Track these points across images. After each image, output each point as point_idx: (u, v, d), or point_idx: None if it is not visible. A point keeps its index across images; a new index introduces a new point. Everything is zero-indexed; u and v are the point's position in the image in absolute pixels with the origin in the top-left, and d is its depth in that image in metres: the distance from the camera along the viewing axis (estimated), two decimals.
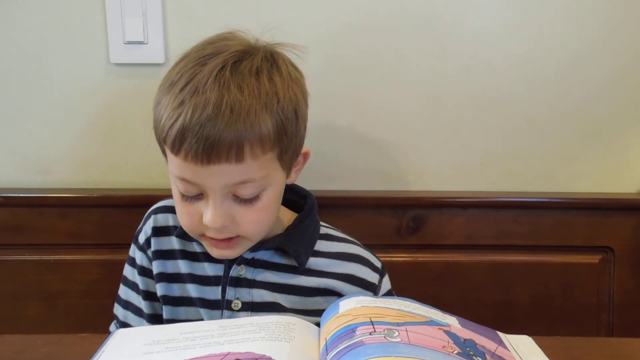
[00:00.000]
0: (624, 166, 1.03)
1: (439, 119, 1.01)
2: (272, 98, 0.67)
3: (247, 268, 0.76)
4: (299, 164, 0.78)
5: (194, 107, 0.63)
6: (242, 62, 0.67)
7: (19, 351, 0.64)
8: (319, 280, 0.76)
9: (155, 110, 0.70)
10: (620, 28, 0.98)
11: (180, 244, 0.79)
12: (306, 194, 0.83)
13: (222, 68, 0.66)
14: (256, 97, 0.65)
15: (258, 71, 0.67)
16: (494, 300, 1.01)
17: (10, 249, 0.99)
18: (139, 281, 0.81)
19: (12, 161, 1.02)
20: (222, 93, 0.64)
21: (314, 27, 0.97)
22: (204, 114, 0.63)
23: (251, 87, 0.66)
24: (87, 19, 0.97)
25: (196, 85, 0.65)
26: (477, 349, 0.56)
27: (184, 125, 0.64)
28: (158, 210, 0.81)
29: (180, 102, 0.65)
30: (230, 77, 0.65)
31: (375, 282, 0.78)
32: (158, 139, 0.70)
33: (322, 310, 0.75)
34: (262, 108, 0.65)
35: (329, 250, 0.79)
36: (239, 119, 0.64)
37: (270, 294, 0.76)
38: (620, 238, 1.00)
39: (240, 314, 0.75)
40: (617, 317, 1.01)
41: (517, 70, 0.99)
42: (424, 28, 0.98)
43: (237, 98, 0.64)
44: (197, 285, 0.77)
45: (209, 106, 0.63)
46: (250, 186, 0.67)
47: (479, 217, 1.00)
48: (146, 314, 0.80)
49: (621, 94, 1.00)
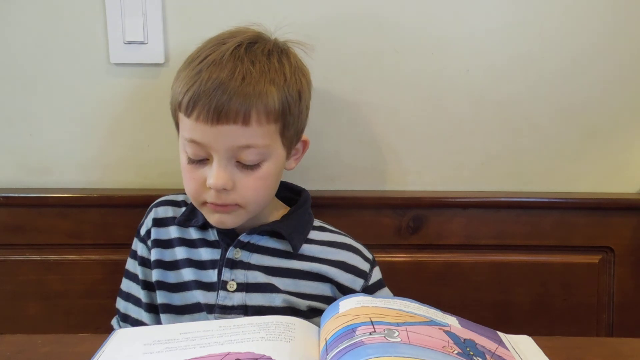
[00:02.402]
0: (624, 166, 1.03)
1: (439, 119, 1.01)
2: (280, 76, 0.74)
3: (243, 251, 0.79)
4: (299, 152, 0.83)
5: (209, 75, 0.71)
6: (256, 44, 0.76)
7: (19, 351, 0.64)
8: (312, 265, 0.80)
9: (174, 85, 0.77)
10: (620, 29, 0.98)
11: (179, 232, 0.83)
12: (301, 190, 0.88)
13: (238, 46, 0.74)
14: (266, 72, 0.73)
15: (270, 53, 0.76)
16: (494, 300, 1.01)
17: (10, 249, 0.99)
18: (139, 271, 0.84)
19: (12, 161, 1.02)
20: (235, 65, 0.72)
21: (314, 27, 0.97)
22: (217, 80, 0.71)
23: (262, 64, 0.74)
24: (87, 19, 0.97)
25: (214, 59, 0.73)
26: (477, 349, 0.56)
27: (199, 88, 0.71)
28: (159, 204, 0.86)
29: (197, 71, 0.73)
30: (244, 54, 0.74)
31: (366, 270, 0.82)
32: (173, 108, 0.77)
33: (314, 294, 0.80)
34: (270, 82, 0.73)
35: (322, 239, 0.83)
36: (249, 86, 0.71)
37: (264, 276, 0.79)
38: (620, 238, 1.00)
39: (235, 294, 0.78)
40: (617, 317, 1.01)
41: (517, 71, 0.99)
42: (424, 28, 0.98)
43: (249, 69, 0.72)
44: (194, 269, 0.80)
45: (223, 74, 0.71)
46: (253, 152, 0.73)
47: (479, 217, 1.00)
48: (144, 304, 0.82)
49: (621, 94, 1.00)
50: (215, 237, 0.81)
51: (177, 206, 0.85)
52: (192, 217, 0.82)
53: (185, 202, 0.85)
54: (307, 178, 1.01)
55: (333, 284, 0.80)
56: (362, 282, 0.81)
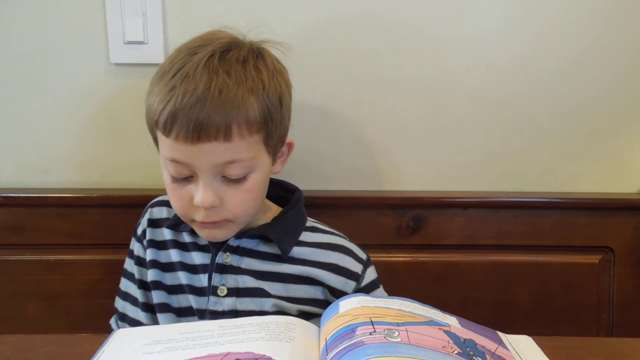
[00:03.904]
0: (624, 166, 1.03)
1: (439, 119, 1.01)
2: (258, 84, 0.71)
3: (233, 256, 0.78)
4: (284, 155, 0.81)
5: (185, 91, 0.68)
6: (229, 52, 0.72)
7: (19, 351, 0.64)
8: (302, 269, 0.78)
9: (147, 100, 0.73)
10: (621, 29, 0.98)
11: (172, 235, 0.82)
12: (294, 189, 0.86)
13: (211, 56, 0.70)
14: (243, 82, 0.70)
15: (245, 60, 0.72)
16: (494, 300, 1.01)
17: (10, 249, 0.99)
18: (135, 271, 0.83)
19: (12, 161, 1.02)
20: (210, 78, 0.68)
21: (315, 27, 0.97)
22: (194, 96, 0.67)
23: (238, 73, 0.70)
24: (87, 19, 0.97)
25: (186, 72, 0.69)
26: (477, 349, 0.56)
27: (175, 106, 0.67)
28: (155, 204, 0.86)
29: (171, 87, 0.69)
30: (218, 64, 0.70)
31: (359, 271, 0.79)
32: (150, 125, 0.74)
33: (305, 298, 0.78)
34: (249, 92, 0.70)
35: (314, 240, 0.81)
36: (227, 100, 0.68)
37: (254, 280, 0.78)
38: (620, 238, 1.00)
39: (226, 299, 0.77)
40: (617, 317, 1.01)
41: (517, 71, 0.99)
42: (424, 28, 0.98)
43: (225, 82, 0.68)
44: (186, 272, 0.80)
45: (198, 89, 0.67)
46: (238, 166, 0.70)
47: (479, 217, 1.00)
48: (140, 303, 0.82)
49: (621, 94, 1.00)
50: (206, 242, 0.80)
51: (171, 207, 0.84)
52: (182, 222, 0.80)
53: None
54: (306, 178, 1.01)
55: (324, 287, 0.78)
56: (354, 284, 0.78)
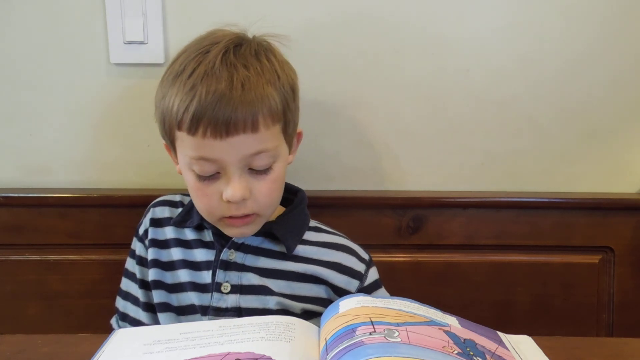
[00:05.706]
0: (624, 166, 1.03)
1: (439, 119, 1.01)
2: (274, 75, 0.73)
3: (237, 253, 0.79)
4: (295, 145, 0.82)
5: (207, 88, 0.69)
6: (242, 47, 0.74)
7: (19, 351, 0.64)
8: (306, 267, 0.79)
9: (162, 104, 0.74)
10: (621, 29, 0.98)
11: (175, 233, 0.83)
12: (297, 190, 0.87)
13: (226, 52, 0.72)
14: (261, 74, 0.72)
15: (257, 53, 0.74)
16: (494, 300, 1.01)
17: (10, 249, 0.99)
18: (137, 271, 0.84)
19: (12, 161, 1.02)
20: (231, 72, 0.70)
21: (315, 27, 0.97)
22: (218, 91, 0.68)
23: (255, 66, 0.72)
24: (87, 19, 0.97)
25: (205, 69, 0.70)
26: (477, 349, 0.56)
27: (200, 104, 0.68)
28: (157, 204, 0.86)
29: (191, 86, 0.70)
30: (235, 59, 0.71)
31: (362, 271, 0.81)
32: (169, 128, 0.73)
33: (309, 297, 0.79)
34: (267, 83, 0.72)
35: (318, 239, 0.82)
36: (251, 92, 0.70)
37: (259, 278, 0.78)
38: (620, 238, 1.00)
39: (229, 296, 0.77)
40: (617, 317, 1.01)
41: (517, 71, 0.99)
42: (424, 28, 0.98)
43: (246, 75, 0.70)
44: (189, 270, 0.80)
45: (221, 85, 0.69)
46: (264, 156, 0.72)
47: (479, 217, 1.00)
48: (142, 303, 0.82)
49: (621, 94, 1.00)
50: (211, 238, 0.80)
51: (174, 206, 0.85)
52: (188, 218, 0.82)
53: (182, 203, 0.85)
54: (307, 178, 1.01)
55: (328, 285, 0.79)
56: (357, 283, 0.79)
